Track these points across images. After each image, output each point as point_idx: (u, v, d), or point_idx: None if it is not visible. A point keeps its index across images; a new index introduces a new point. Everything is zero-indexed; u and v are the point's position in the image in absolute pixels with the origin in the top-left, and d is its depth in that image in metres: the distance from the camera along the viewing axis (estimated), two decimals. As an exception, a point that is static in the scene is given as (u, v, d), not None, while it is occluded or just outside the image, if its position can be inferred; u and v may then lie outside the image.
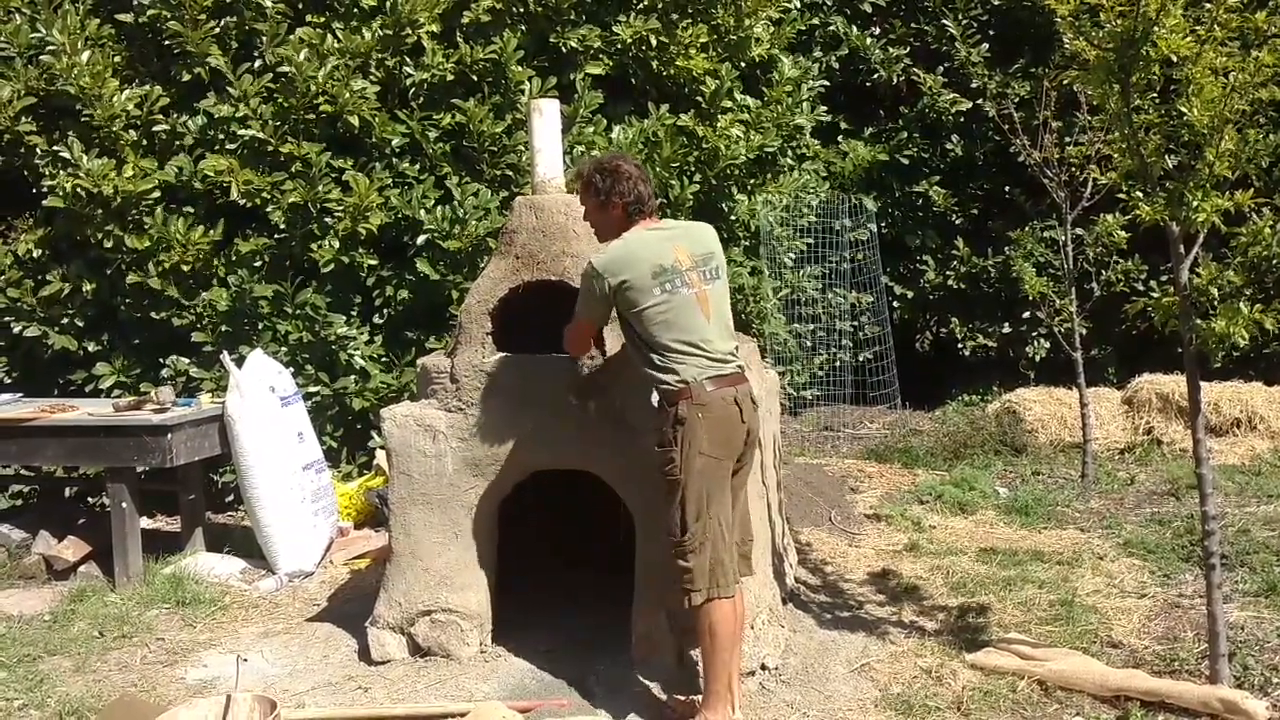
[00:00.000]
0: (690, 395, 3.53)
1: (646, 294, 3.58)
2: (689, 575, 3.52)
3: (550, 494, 4.70)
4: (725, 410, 3.60)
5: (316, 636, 4.69)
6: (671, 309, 3.59)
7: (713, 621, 3.55)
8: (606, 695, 3.97)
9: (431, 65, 6.84)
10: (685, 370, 3.55)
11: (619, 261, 3.61)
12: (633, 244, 3.66)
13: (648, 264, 3.60)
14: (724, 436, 3.61)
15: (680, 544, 3.52)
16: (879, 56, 9.91)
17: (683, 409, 3.53)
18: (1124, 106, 3.43)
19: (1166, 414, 7.92)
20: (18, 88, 6.54)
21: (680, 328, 3.59)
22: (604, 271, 3.60)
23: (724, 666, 3.58)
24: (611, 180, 3.69)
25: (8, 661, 4.48)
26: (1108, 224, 6.79)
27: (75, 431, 5.56)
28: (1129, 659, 4.15)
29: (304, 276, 6.81)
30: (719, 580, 3.55)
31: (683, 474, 3.51)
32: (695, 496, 3.53)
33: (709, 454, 3.55)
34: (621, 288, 3.58)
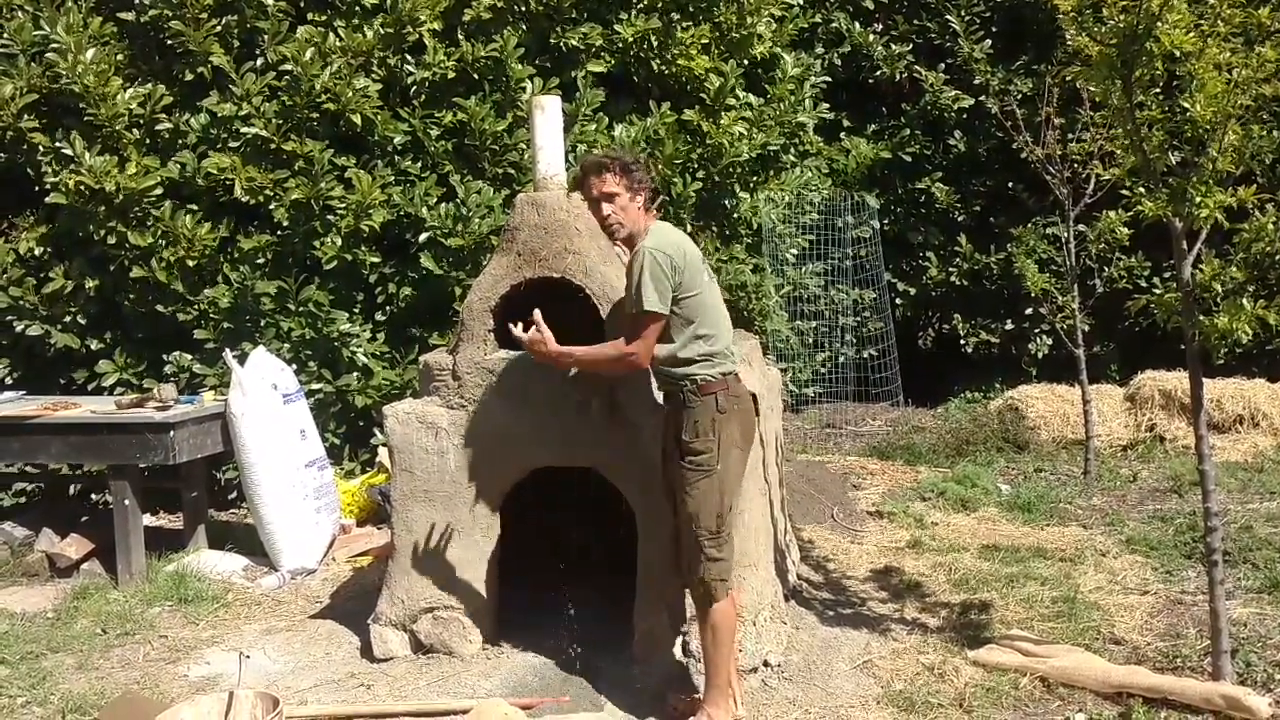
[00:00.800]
0: (727, 387, 3.57)
1: (698, 279, 3.58)
2: (718, 566, 3.53)
3: (552, 491, 4.69)
4: (748, 405, 3.68)
5: (319, 633, 4.69)
6: (713, 297, 3.64)
7: (719, 618, 3.57)
8: (608, 692, 3.97)
9: (433, 63, 6.84)
10: (724, 364, 3.59)
11: (679, 245, 3.57)
12: (671, 231, 3.65)
13: (693, 249, 3.63)
14: (748, 430, 3.68)
15: (715, 535, 3.52)
16: (881, 53, 9.90)
17: (723, 400, 3.54)
18: (1127, 102, 3.42)
19: (1169, 411, 7.91)
20: (20, 85, 6.55)
21: (720, 319, 3.65)
22: (674, 255, 3.52)
23: (725, 661, 3.60)
24: (639, 169, 3.67)
25: (11, 659, 4.48)
26: (1110, 220, 6.78)
27: (78, 429, 5.57)
28: (1131, 656, 4.15)
29: (307, 273, 6.81)
30: (731, 577, 3.60)
31: (719, 464, 3.52)
32: (730, 488, 3.57)
33: (740, 446, 3.61)
34: (687, 272, 3.54)
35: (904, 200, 10.20)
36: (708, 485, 3.52)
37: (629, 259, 3.65)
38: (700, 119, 7.48)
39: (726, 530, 3.55)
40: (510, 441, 4.25)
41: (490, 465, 4.28)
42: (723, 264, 7.73)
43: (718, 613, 3.57)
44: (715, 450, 3.52)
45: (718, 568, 3.53)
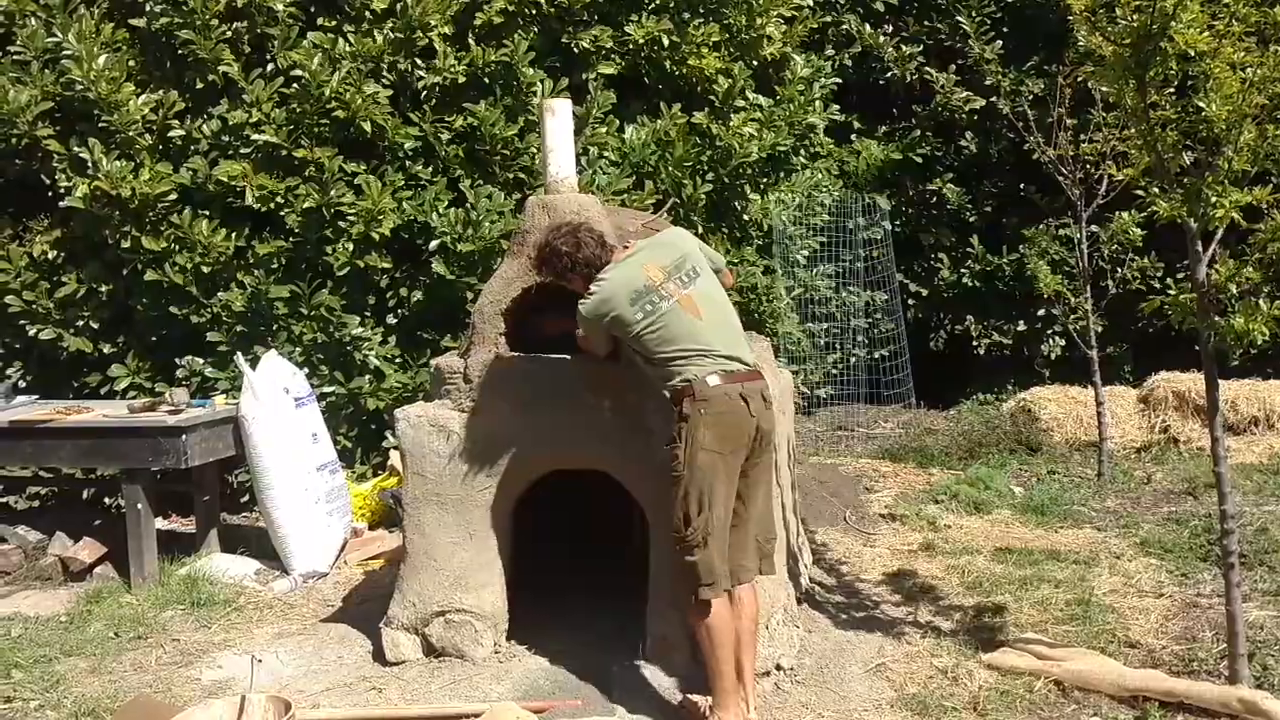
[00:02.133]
0: (693, 392, 3.58)
1: (630, 320, 3.68)
2: (693, 570, 3.54)
3: (565, 494, 4.68)
4: (729, 405, 3.60)
5: (331, 637, 4.69)
6: (659, 325, 3.67)
7: (707, 622, 3.56)
8: (622, 695, 3.96)
9: (443, 68, 6.84)
10: (686, 371, 3.62)
11: (599, 302, 3.73)
12: (608, 281, 3.75)
13: (624, 292, 3.71)
14: (729, 432, 3.60)
15: (684, 539, 3.54)
16: (892, 55, 9.87)
17: (686, 406, 3.58)
18: (1141, 102, 3.40)
19: (1183, 412, 7.88)
20: (34, 93, 6.57)
21: (673, 338, 3.66)
22: (591, 315, 3.76)
23: (726, 663, 3.58)
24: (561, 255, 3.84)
25: (24, 662, 4.49)
26: (1123, 221, 6.76)
27: (90, 433, 5.58)
28: (1147, 659, 4.13)
29: (319, 278, 6.82)
30: (719, 581, 3.56)
31: (685, 469, 3.55)
32: (696, 492, 3.54)
33: (713, 449, 3.56)
34: (611, 322, 3.72)
35: (915, 202, 10.17)
36: (677, 490, 3.58)
37: None
38: (710, 121, 7.47)
39: (699, 535, 3.54)
40: (522, 445, 4.24)
41: (502, 468, 4.28)
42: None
43: (710, 614, 3.56)
44: (681, 456, 3.56)
45: (691, 572, 3.54)
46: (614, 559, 4.82)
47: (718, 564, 3.56)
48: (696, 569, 3.52)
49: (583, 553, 5.06)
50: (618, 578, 4.61)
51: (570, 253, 3.82)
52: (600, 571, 4.86)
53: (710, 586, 3.53)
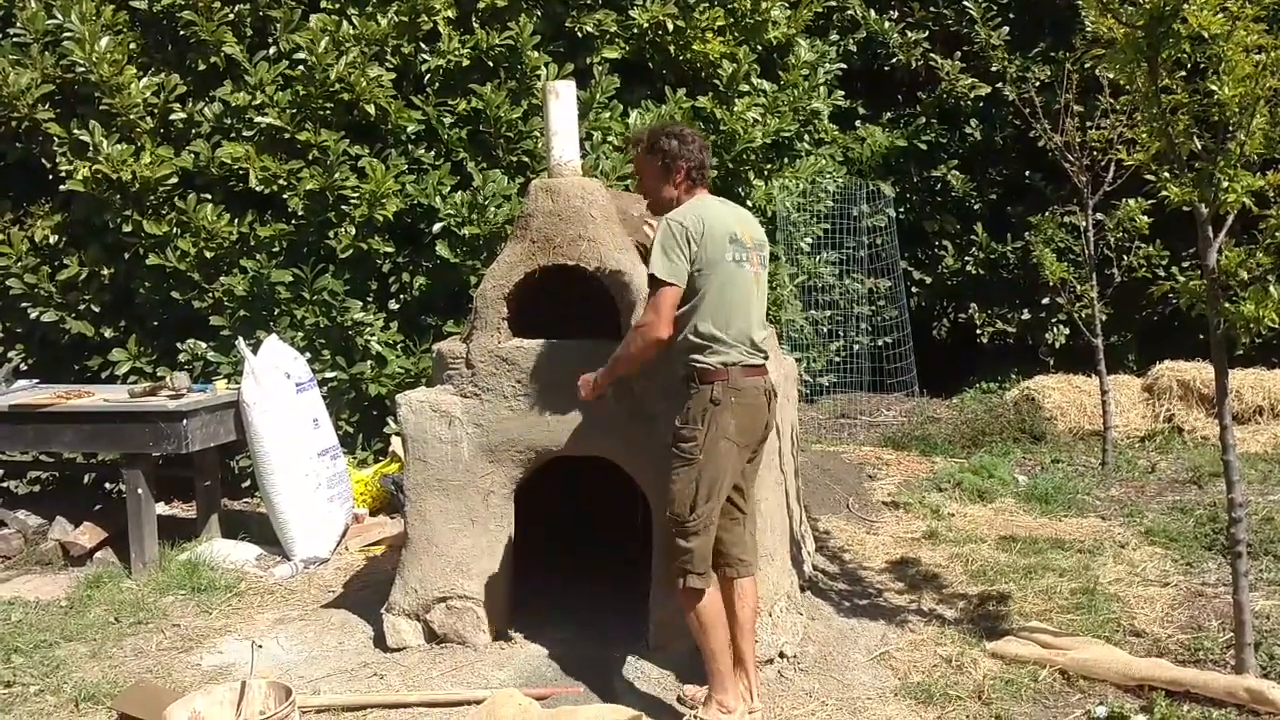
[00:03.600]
0: (727, 377, 3.47)
1: (719, 258, 3.47)
2: (689, 556, 3.47)
3: (567, 480, 4.66)
4: (755, 399, 3.56)
5: (332, 623, 4.67)
6: (733, 282, 3.49)
7: (699, 608, 3.51)
8: (623, 682, 3.94)
9: (447, 51, 6.80)
10: (728, 354, 3.47)
11: (700, 218, 3.47)
12: (707, 205, 3.57)
13: (722, 227, 3.51)
14: (750, 424, 3.56)
15: (686, 523, 3.45)
16: (897, 40, 9.82)
17: (718, 390, 3.45)
18: (1152, 86, 3.36)
19: (1188, 401, 7.85)
20: (35, 76, 6.53)
21: (733, 306, 3.50)
22: (688, 223, 3.44)
23: (719, 644, 3.54)
24: (678, 143, 3.59)
25: (24, 647, 4.48)
26: (1130, 209, 6.72)
27: (91, 418, 5.56)
28: (1152, 648, 4.10)
29: (322, 262, 6.79)
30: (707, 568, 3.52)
31: (703, 454, 3.45)
32: (710, 479, 3.47)
33: (734, 439, 3.50)
34: (703, 243, 3.44)
35: (920, 189, 10.13)
36: (686, 473, 3.46)
37: None
38: (714, 105, 7.43)
39: (702, 521, 3.46)
40: (525, 430, 4.22)
41: (504, 454, 4.25)
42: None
43: (692, 601, 3.50)
44: (700, 440, 3.44)
45: (687, 556, 3.47)
46: (616, 547, 4.80)
47: (709, 552, 3.52)
48: (693, 555, 3.47)
49: (585, 540, 5.04)
50: (620, 565, 4.59)
51: (702, 144, 3.64)
52: (603, 559, 4.84)
53: (702, 575, 3.49)
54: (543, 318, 4.32)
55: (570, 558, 4.95)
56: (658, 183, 3.66)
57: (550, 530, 4.93)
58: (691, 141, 3.62)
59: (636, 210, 4.42)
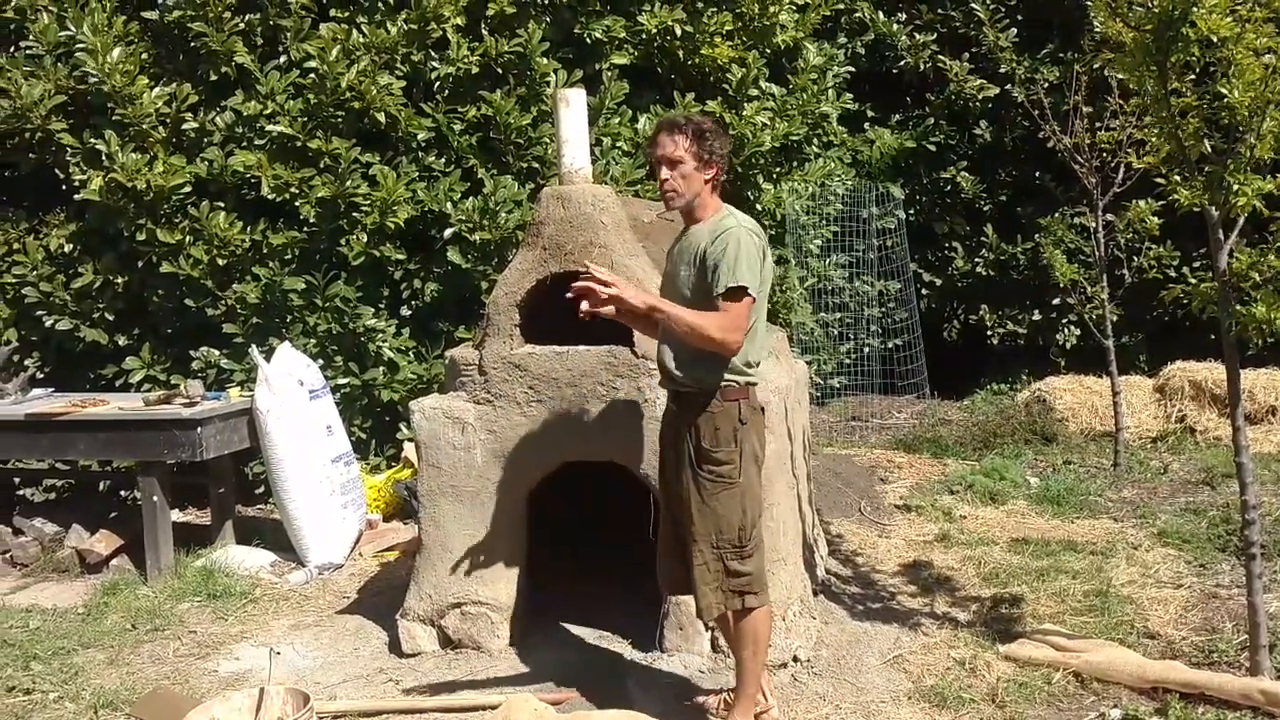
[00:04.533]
0: (749, 396, 3.40)
1: (767, 279, 3.40)
2: (748, 579, 3.39)
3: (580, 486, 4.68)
4: (761, 416, 3.54)
5: (347, 629, 4.70)
6: (765, 303, 3.44)
7: (757, 626, 3.45)
8: (637, 687, 3.96)
9: (457, 59, 6.83)
10: (750, 374, 3.40)
11: (759, 236, 3.35)
12: (752, 223, 3.39)
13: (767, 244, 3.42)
14: (763, 442, 3.55)
15: (740, 549, 3.37)
16: (905, 43, 9.83)
17: (744, 410, 3.37)
18: (1161, 89, 3.37)
19: (1199, 402, 7.83)
20: (48, 87, 6.58)
21: (760, 327, 3.43)
22: (758, 234, 3.32)
23: (760, 670, 3.52)
24: (718, 143, 3.39)
25: (43, 654, 4.51)
26: (1140, 210, 6.71)
27: (106, 426, 5.60)
28: (1166, 650, 4.10)
29: (334, 270, 6.82)
30: (767, 585, 3.50)
31: (742, 476, 3.37)
32: (755, 499, 3.43)
33: (760, 457, 3.49)
34: (765, 266, 3.33)
35: (929, 190, 10.13)
36: (729, 497, 3.35)
37: (695, 235, 3.39)
38: (723, 110, 7.44)
39: (752, 544, 3.40)
40: (537, 436, 4.24)
41: (517, 460, 4.27)
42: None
43: (753, 621, 3.44)
44: (738, 461, 3.36)
45: (740, 581, 3.39)
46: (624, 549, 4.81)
47: (764, 571, 3.49)
48: (751, 578, 3.40)
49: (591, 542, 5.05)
50: (628, 568, 4.60)
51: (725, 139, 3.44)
52: (611, 561, 4.85)
53: (759, 594, 3.42)
54: (553, 324, 4.33)
55: (578, 561, 4.96)
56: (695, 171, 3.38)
57: (556, 534, 4.94)
58: (726, 141, 3.47)
59: (647, 216, 4.44)
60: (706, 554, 3.39)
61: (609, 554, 4.93)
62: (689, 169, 3.36)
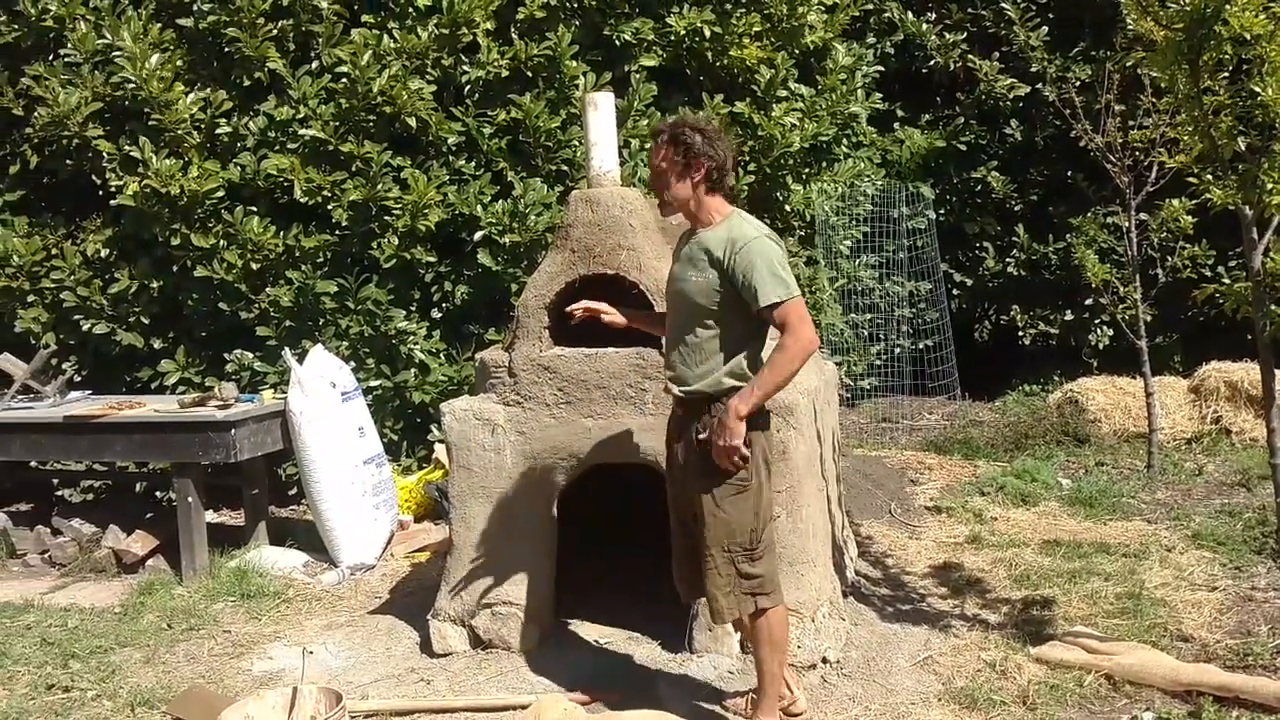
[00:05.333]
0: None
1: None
2: (760, 580, 3.40)
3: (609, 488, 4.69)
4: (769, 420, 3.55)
5: (379, 629, 4.74)
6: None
7: (773, 626, 3.45)
8: (666, 688, 3.97)
9: (487, 62, 6.87)
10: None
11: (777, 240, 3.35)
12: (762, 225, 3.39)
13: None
14: (771, 445, 3.57)
15: (751, 551, 3.39)
16: (935, 42, 9.79)
17: (757, 415, 3.36)
18: (1194, 87, 3.34)
19: (1235, 403, 7.74)
20: (85, 94, 6.68)
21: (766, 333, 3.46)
22: (778, 240, 3.33)
23: (781, 670, 3.52)
24: (702, 139, 3.33)
25: (81, 653, 4.58)
26: (1173, 209, 6.65)
27: (142, 428, 5.68)
28: (1200, 653, 4.06)
29: (366, 272, 6.88)
30: (780, 585, 3.51)
31: (754, 479, 3.38)
32: (766, 502, 3.45)
33: (770, 460, 3.51)
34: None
35: (959, 190, 10.08)
36: (742, 501, 3.36)
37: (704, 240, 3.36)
38: (751, 111, 7.44)
39: (763, 546, 3.41)
40: (566, 438, 4.26)
41: (546, 462, 4.30)
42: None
43: (768, 622, 3.44)
44: (752, 464, 3.36)
45: (753, 583, 3.40)
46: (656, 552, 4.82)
47: (776, 572, 3.50)
48: (763, 579, 3.41)
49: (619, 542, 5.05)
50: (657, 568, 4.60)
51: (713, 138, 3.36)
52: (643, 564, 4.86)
53: (772, 595, 3.43)
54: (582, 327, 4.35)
55: (606, 561, 4.97)
56: (674, 179, 3.37)
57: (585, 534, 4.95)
58: (718, 140, 3.37)
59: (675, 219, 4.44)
60: (718, 558, 3.39)
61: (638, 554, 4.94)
62: (671, 177, 3.37)
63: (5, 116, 6.98)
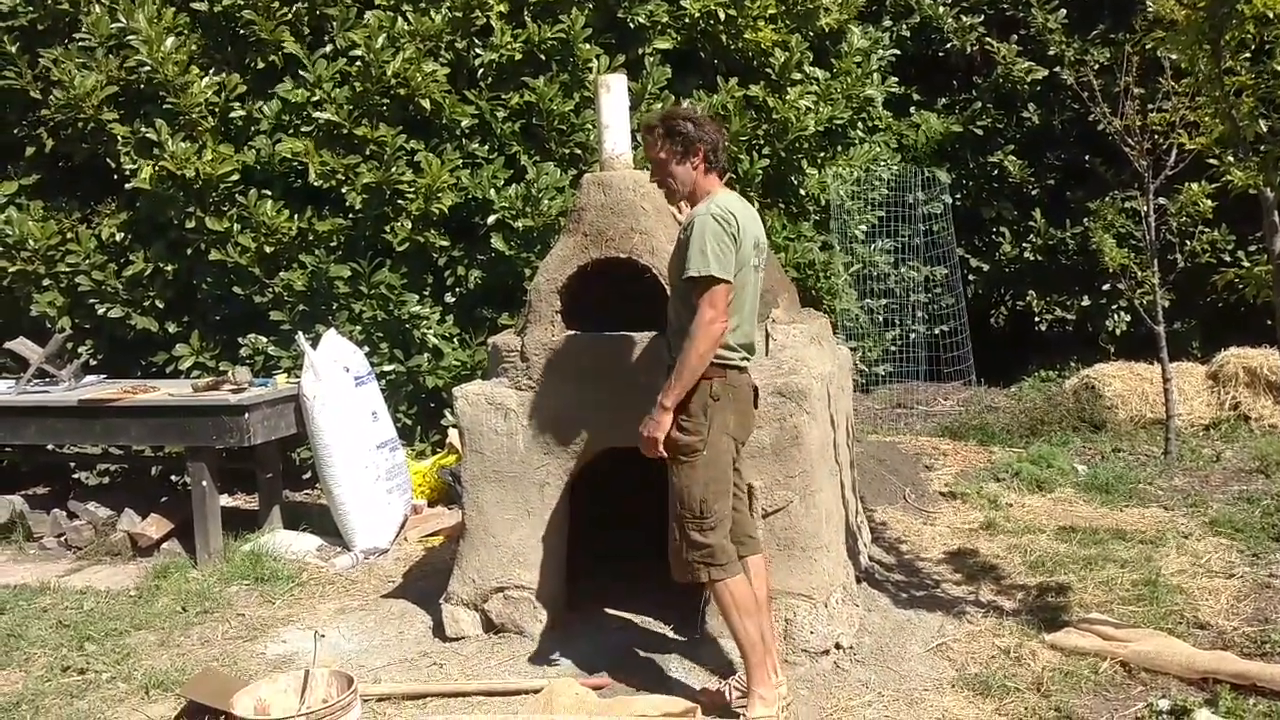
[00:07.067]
0: (724, 376, 3.49)
1: (745, 262, 3.47)
2: (709, 551, 3.47)
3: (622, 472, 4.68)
4: (746, 394, 3.63)
5: (391, 613, 4.75)
6: (749, 287, 3.53)
7: (734, 592, 3.50)
8: (678, 673, 3.96)
9: (500, 45, 6.85)
10: (730, 357, 3.49)
11: (735, 214, 3.42)
12: (733, 202, 3.52)
13: (752, 229, 3.52)
14: (744, 421, 3.64)
15: (701, 520, 3.46)
16: (951, 25, 9.71)
17: (716, 386, 3.46)
18: (1215, 68, 3.29)
19: (1254, 389, 7.67)
20: (100, 78, 6.68)
21: (745, 313, 3.54)
22: (732, 221, 3.38)
23: (757, 635, 3.53)
24: (693, 126, 3.52)
25: (96, 635, 4.61)
26: (1193, 193, 6.59)
27: (156, 412, 5.70)
28: (1217, 641, 4.03)
29: (379, 257, 6.88)
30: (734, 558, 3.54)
31: (707, 450, 3.46)
32: (718, 473, 3.50)
33: (732, 434, 3.56)
34: (740, 243, 3.40)
35: (976, 175, 10.02)
36: (692, 470, 3.46)
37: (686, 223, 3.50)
38: (766, 94, 7.39)
39: (717, 517, 3.48)
40: (579, 422, 4.24)
41: (559, 446, 4.29)
42: (790, 241, 7.65)
43: (724, 591, 3.49)
44: (705, 434, 3.45)
45: (702, 553, 3.47)
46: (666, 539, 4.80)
47: (729, 544, 3.54)
48: (713, 550, 3.48)
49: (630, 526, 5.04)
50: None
51: (702, 123, 3.55)
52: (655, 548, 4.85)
53: (725, 566, 3.49)
54: (595, 311, 4.33)
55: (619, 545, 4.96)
56: (676, 167, 3.55)
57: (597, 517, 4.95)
58: (706, 124, 3.58)
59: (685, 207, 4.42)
60: (671, 521, 3.53)
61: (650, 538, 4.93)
62: (672, 165, 3.55)
63: (23, 99, 6.98)
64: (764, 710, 3.50)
